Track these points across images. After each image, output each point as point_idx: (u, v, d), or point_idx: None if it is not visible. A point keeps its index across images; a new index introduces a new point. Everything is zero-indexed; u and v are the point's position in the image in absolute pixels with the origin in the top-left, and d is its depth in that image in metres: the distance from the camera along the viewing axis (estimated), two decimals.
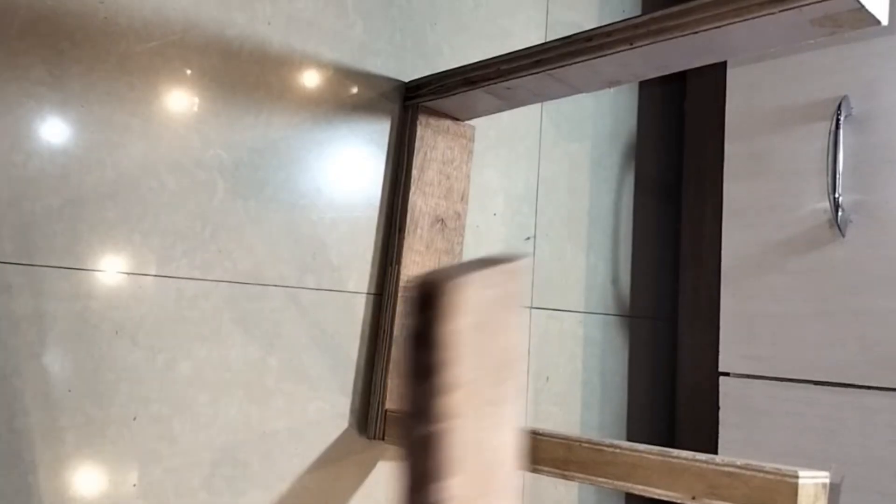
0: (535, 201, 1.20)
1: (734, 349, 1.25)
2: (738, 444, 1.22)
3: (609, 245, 1.35)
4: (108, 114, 0.74)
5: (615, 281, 1.36)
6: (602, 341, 1.32)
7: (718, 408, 1.26)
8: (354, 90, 0.94)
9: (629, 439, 1.37)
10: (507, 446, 0.43)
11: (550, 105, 1.24)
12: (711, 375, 1.28)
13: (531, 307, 1.18)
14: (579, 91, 0.87)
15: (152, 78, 0.77)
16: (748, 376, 1.23)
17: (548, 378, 1.20)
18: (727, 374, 1.26)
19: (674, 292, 1.46)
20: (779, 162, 1.23)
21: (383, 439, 0.91)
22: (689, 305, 1.36)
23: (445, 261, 1.00)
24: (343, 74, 0.93)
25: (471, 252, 1.08)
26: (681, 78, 1.49)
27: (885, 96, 1.12)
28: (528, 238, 1.19)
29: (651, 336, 1.44)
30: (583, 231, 1.29)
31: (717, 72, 1.35)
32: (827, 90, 1.19)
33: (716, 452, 1.25)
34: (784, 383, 1.18)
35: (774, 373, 1.20)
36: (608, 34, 0.76)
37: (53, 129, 0.70)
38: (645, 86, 1.47)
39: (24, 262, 0.68)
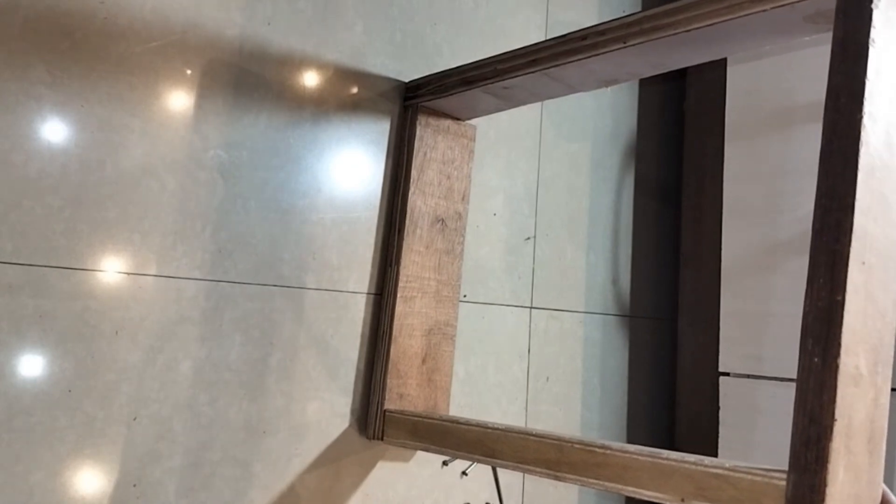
0: (535, 201, 1.20)
1: (734, 349, 1.25)
2: (738, 444, 1.22)
3: (609, 245, 1.35)
4: (108, 114, 0.74)
5: (615, 281, 1.36)
6: (602, 341, 1.32)
7: (718, 408, 1.26)
8: (354, 90, 0.95)
9: (629, 439, 1.37)
10: None
11: (550, 105, 1.24)
12: (711, 375, 1.28)
13: (531, 307, 1.18)
14: (576, 90, 0.87)
15: (152, 78, 0.77)
16: (748, 376, 1.23)
17: (548, 378, 1.20)
18: (727, 374, 1.26)
19: (674, 292, 1.46)
20: (779, 162, 1.23)
21: (382, 439, 0.91)
22: (689, 305, 1.36)
23: (446, 261, 1.00)
24: (343, 74, 0.93)
25: (471, 252, 1.08)
26: (681, 78, 1.49)
27: None
28: (528, 238, 1.19)
29: (651, 336, 1.44)
30: (583, 231, 1.29)
31: (716, 72, 1.35)
32: None
33: (716, 452, 1.25)
34: (784, 383, 1.18)
35: (774, 373, 1.20)
36: (602, 33, 0.76)
37: (53, 129, 0.70)
38: (645, 85, 1.47)
39: (24, 262, 0.68)
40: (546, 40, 0.81)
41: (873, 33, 0.55)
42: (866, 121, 0.54)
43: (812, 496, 0.51)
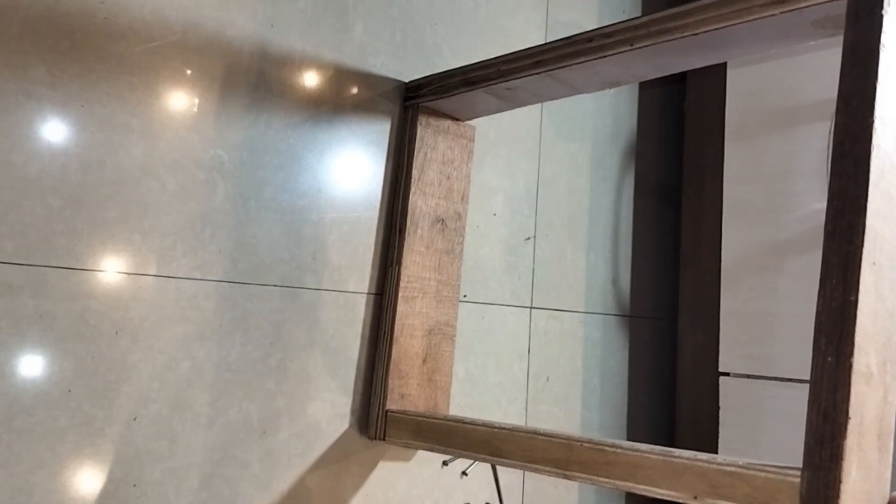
0: (535, 201, 1.20)
1: (734, 349, 1.25)
2: (738, 444, 1.22)
3: (609, 245, 1.35)
4: (108, 114, 0.74)
5: (615, 281, 1.36)
6: (602, 341, 1.32)
7: (718, 408, 1.26)
8: (354, 90, 0.94)
9: (629, 439, 1.37)
10: None
11: (550, 105, 1.24)
12: (711, 375, 1.28)
13: (531, 307, 1.18)
14: (579, 92, 0.87)
15: (152, 78, 0.77)
16: (748, 376, 1.23)
17: (548, 378, 1.20)
18: (727, 374, 1.26)
19: (674, 292, 1.46)
20: (779, 162, 1.23)
21: (384, 439, 0.90)
22: (689, 305, 1.36)
23: (446, 261, 1.00)
24: (343, 74, 0.93)
25: (471, 252, 1.08)
26: (681, 79, 1.49)
27: None
28: (528, 238, 1.19)
29: (651, 336, 1.44)
30: (583, 231, 1.29)
31: (717, 73, 1.35)
32: (827, 90, 1.19)
33: (716, 452, 1.25)
34: (785, 383, 1.18)
35: (774, 373, 1.20)
36: (608, 35, 0.76)
37: (53, 129, 0.70)
38: (645, 87, 1.47)
39: (24, 262, 0.68)
40: (551, 42, 0.81)
41: (883, 38, 0.55)
42: (877, 124, 0.54)
43: (827, 493, 0.52)
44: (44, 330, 0.69)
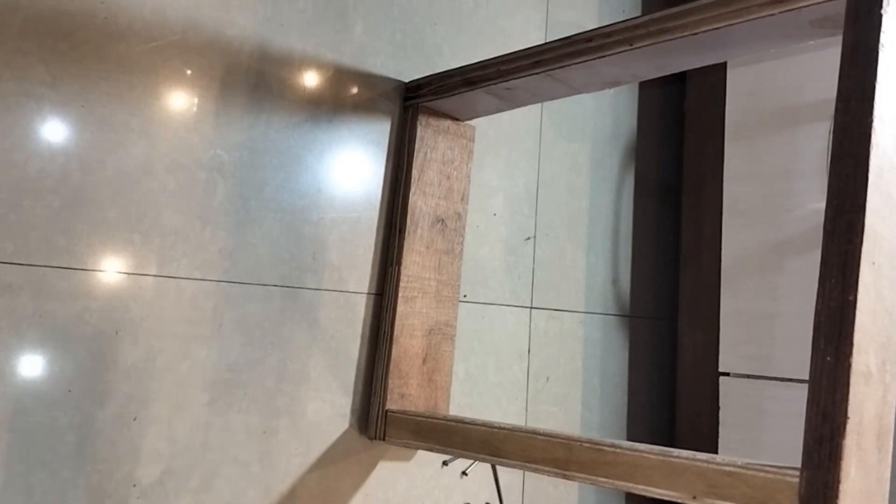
0: (535, 201, 1.20)
1: (734, 349, 1.25)
2: (738, 444, 1.22)
3: (609, 245, 1.35)
4: (108, 114, 0.74)
5: (615, 281, 1.36)
6: (602, 341, 1.32)
7: (718, 408, 1.26)
8: (354, 90, 0.95)
9: (629, 439, 1.37)
10: None
11: (550, 105, 1.24)
12: (711, 375, 1.28)
13: (531, 307, 1.18)
14: (579, 91, 0.87)
15: (152, 78, 0.77)
16: (748, 376, 1.23)
17: (548, 378, 1.20)
18: (727, 374, 1.26)
19: (674, 292, 1.46)
20: (779, 162, 1.23)
21: (384, 439, 0.90)
22: (689, 305, 1.36)
23: (446, 261, 1.00)
24: (343, 74, 0.93)
25: (471, 252, 1.08)
26: (681, 79, 1.49)
27: None
28: (528, 238, 1.19)
29: (651, 336, 1.44)
30: (583, 231, 1.29)
31: (717, 73, 1.35)
32: (827, 90, 1.19)
33: (716, 452, 1.25)
34: (785, 383, 1.18)
35: (774, 373, 1.20)
36: (608, 35, 0.76)
37: (53, 129, 0.70)
38: (645, 87, 1.47)
39: (24, 262, 0.68)
40: (550, 42, 0.81)
41: (883, 38, 0.56)
42: (876, 123, 0.54)
43: (826, 493, 0.52)
44: (44, 330, 0.69)
